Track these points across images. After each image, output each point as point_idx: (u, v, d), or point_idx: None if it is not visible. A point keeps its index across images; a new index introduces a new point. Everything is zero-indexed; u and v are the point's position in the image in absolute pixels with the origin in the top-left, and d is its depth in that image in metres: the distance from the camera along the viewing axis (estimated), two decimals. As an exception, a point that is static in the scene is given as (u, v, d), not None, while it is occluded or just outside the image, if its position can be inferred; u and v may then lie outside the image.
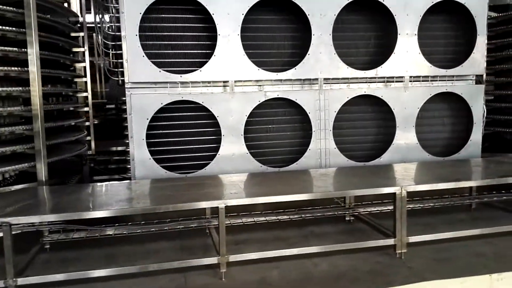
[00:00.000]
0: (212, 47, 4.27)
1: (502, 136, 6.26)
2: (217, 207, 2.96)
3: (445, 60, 5.07)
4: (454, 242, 3.59)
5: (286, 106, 4.63)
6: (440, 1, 4.75)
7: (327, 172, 4.22)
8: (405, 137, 4.89)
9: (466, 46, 5.02)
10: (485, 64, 5.01)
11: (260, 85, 4.50)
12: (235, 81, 4.37)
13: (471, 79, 5.04)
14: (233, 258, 3.06)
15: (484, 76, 5.80)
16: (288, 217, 3.78)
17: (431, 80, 4.88)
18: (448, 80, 4.96)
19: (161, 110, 4.21)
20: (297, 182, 3.73)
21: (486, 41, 4.94)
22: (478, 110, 5.07)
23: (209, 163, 4.29)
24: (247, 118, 4.40)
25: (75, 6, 5.47)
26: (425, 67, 4.83)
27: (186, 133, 4.38)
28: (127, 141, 4.18)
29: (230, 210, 3.42)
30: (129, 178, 4.22)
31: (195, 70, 4.25)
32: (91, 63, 5.76)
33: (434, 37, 5.01)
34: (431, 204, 4.23)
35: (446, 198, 4.40)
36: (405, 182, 3.51)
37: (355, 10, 4.75)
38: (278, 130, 4.67)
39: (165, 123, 4.32)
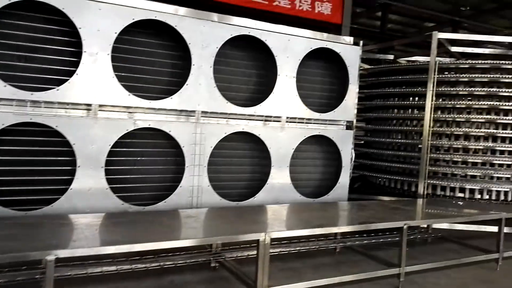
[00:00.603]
0: (77, 64, 3.75)
1: (368, 179, 6.73)
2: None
3: (320, 105, 5.25)
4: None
5: (159, 137, 4.27)
6: (318, 48, 4.93)
7: (195, 213, 3.92)
8: (280, 177, 4.88)
9: (340, 93, 5.28)
10: (355, 111, 5.31)
11: (130, 112, 4.07)
12: (100, 105, 3.87)
13: (342, 124, 5.29)
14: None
15: (355, 122, 6.21)
16: (144, 265, 3.37)
17: (306, 122, 4.99)
18: (321, 124, 5.12)
19: (4, 132, 3.52)
20: (158, 225, 3.35)
21: (357, 90, 5.24)
22: (347, 154, 5.32)
23: (58, 198, 3.68)
24: (112, 148, 3.93)
25: None
26: (302, 109, 4.92)
27: (33, 161, 3.72)
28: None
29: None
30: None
31: (51, 88, 3.66)
32: None
33: (311, 81, 5.17)
34: (298, 248, 4.22)
35: (312, 241, 4.43)
36: (273, 227, 3.39)
37: (239, 46, 4.66)
38: (147, 163, 4.27)
39: (7, 147, 3.61)
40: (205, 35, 4.29)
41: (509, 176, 5.68)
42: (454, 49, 5.68)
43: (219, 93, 4.41)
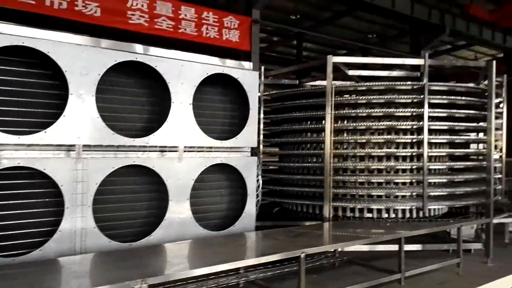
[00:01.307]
0: None
1: (281, 205, 6.61)
2: None
3: (222, 132, 5.05)
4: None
5: (33, 176, 3.77)
6: (217, 74, 4.77)
7: (71, 262, 3.45)
8: (179, 211, 4.54)
9: (241, 119, 5.13)
10: (256, 137, 5.16)
11: (-5, 150, 3.55)
12: (-48, 144, 3.33)
13: (245, 151, 5.12)
14: None
15: (261, 148, 6.11)
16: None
17: (206, 151, 4.75)
18: (223, 152, 4.91)
19: None
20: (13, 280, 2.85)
21: (257, 116, 5.12)
22: (252, 182, 5.13)
23: None
24: (-33, 192, 3.36)
25: None
26: (201, 138, 4.68)
27: None
28: None
29: None
30: None
31: None
32: None
33: (211, 108, 4.97)
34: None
35: (212, 279, 4.11)
36: (159, 270, 3.03)
37: (126, 73, 4.35)
38: (17, 206, 3.73)
39: None
40: (85, 61, 3.92)
41: (413, 193, 5.82)
42: (351, 72, 5.85)
43: (104, 124, 4.03)
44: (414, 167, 5.78)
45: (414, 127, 5.57)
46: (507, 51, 15.44)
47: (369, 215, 5.82)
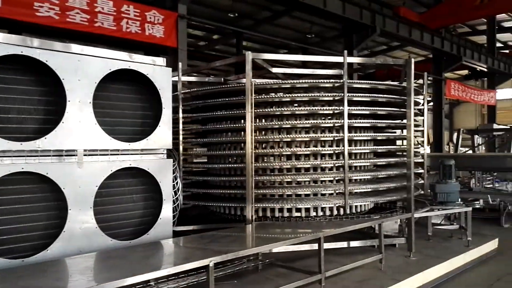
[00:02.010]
0: None
1: (207, 208, 6.29)
2: None
3: (134, 133, 4.67)
4: None
5: None
6: (120, 69, 4.38)
7: None
8: (81, 221, 4.11)
9: (154, 119, 4.77)
10: (171, 138, 4.82)
11: None
12: None
13: (159, 153, 4.77)
14: None
15: (181, 149, 5.78)
16: None
17: (112, 154, 4.35)
18: (133, 154, 4.53)
19: None
20: None
21: (171, 115, 4.79)
22: (168, 186, 4.79)
23: None
24: None
25: None
26: (104, 140, 4.27)
27: None
28: None
29: None
30: None
31: None
32: None
33: (117, 107, 4.56)
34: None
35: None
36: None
37: (16, 69, 3.86)
38: None
39: None
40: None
41: (336, 191, 5.75)
42: (275, 70, 5.69)
43: (-16, 126, 3.53)
44: (337, 164, 5.71)
45: (336, 124, 5.49)
46: (435, 52, 16.20)
47: (298, 214, 5.67)
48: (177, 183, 5.25)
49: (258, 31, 15.34)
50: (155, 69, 4.67)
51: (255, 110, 5.16)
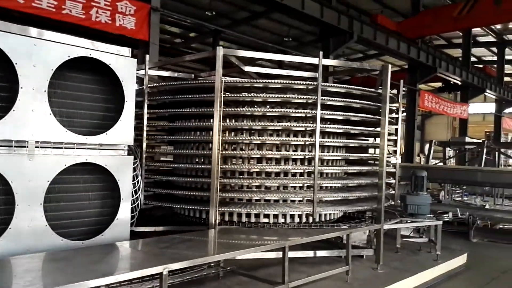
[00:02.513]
0: None
1: (168, 210, 6.01)
2: None
3: (91, 126, 4.35)
4: None
5: None
6: (80, 57, 4.08)
7: None
8: (29, 218, 3.79)
9: (116, 113, 4.48)
10: (132, 134, 4.54)
11: None
12: None
13: (119, 149, 4.48)
14: None
15: (145, 146, 5.49)
16: None
17: (66, 148, 4.03)
18: (90, 149, 4.23)
19: None
20: None
21: (134, 109, 4.50)
22: (127, 185, 4.50)
23: None
24: None
25: None
26: (59, 132, 3.96)
27: None
28: None
29: None
30: None
31: None
32: None
33: (75, 98, 4.25)
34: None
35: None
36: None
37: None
38: None
39: None
40: None
41: (304, 198, 5.58)
42: (248, 69, 5.49)
43: None
44: (307, 170, 5.55)
45: (308, 129, 5.32)
46: (411, 62, 16.38)
47: (265, 220, 5.46)
48: (138, 181, 4.98)
49: (235, 31, 15.13)
50: (119, 59, 4.38)
51: (225, 109, 4.93)
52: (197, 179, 5.44)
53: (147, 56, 5.39)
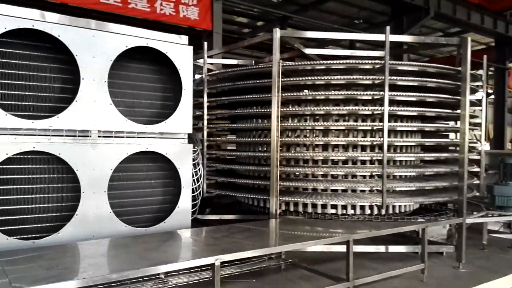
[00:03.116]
0: None
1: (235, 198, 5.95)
2: None
3: (150, 115, 4.40)
4: None
5: None
6: (138, 47, 4.11)
7: None
8: (94, 205, 3.92)
9: (174, 102, 4.48)
10: (191, 122, 4.50)
11: None
12: None
13: (179, 138, 4.48)
14: None
15: (206, 135, 5.46)
16: None
17: (127, 137, 4.11)
18: (151, 138, 4.27)
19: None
20: None
21: (192, 97, 4.46)
22: (187, 173, 4.50)
23: None
24: None
25: None
26: (119, 121, 4.03)
27: None
28: None
29: None
30: None
31: None
32: None
33: (134, 87, 4.31)
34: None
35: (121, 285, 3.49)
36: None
37: (22, 44, 3.68)
38: None
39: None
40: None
41: (374, 188, 5.15)
42: (309, 51, 5.18)
43: (-7, 103, 3.39)
44: (376, 158, 5.12)
45: (376, 112, 4.89)
46: (498, 37, 14.64)
47: (333, 211, 5.14)
48: (199, 170, 4.96)
49: (303, 17, 14.66)
50: (175, 48, 4.35)
51: (285, 94, 4.69)
52: (257, 167, 5.29)
53: (205, 44, 5.33)
